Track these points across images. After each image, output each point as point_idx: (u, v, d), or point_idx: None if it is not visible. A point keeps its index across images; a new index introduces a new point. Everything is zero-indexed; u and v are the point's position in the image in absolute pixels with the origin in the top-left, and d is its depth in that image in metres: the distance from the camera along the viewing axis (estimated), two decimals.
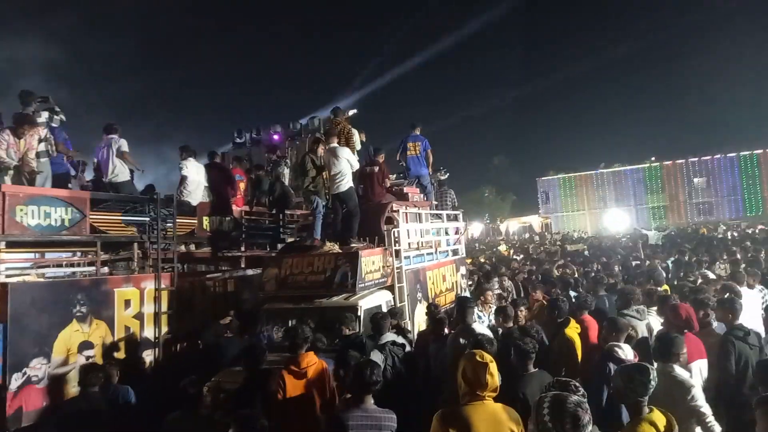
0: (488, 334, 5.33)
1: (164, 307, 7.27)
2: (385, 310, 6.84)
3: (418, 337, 6.96)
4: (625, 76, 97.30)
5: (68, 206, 6.71)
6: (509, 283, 11.41)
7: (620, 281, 9.53)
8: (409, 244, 8.61)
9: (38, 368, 5.79)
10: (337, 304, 6.77)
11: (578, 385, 3.15)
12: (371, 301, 6.97)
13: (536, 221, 48.11)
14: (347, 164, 8.14)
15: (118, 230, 7.53)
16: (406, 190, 10.09)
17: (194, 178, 9.05)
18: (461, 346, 5.12)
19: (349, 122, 9.68)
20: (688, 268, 10.41)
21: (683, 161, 49.88)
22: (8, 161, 6.92)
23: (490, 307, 7.49)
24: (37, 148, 7.22)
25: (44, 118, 7.52)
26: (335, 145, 8.38)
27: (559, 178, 54.98)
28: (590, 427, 2.28)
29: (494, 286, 10.51)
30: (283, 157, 13.22)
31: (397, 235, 8.13)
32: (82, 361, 6.06)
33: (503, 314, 6.24)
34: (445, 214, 11.09)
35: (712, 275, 8.91)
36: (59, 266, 7.09)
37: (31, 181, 7.12)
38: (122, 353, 6.63)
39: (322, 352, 5.23)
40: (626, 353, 4.62)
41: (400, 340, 5.78)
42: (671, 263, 12.49)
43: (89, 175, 10.24)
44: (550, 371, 4.45)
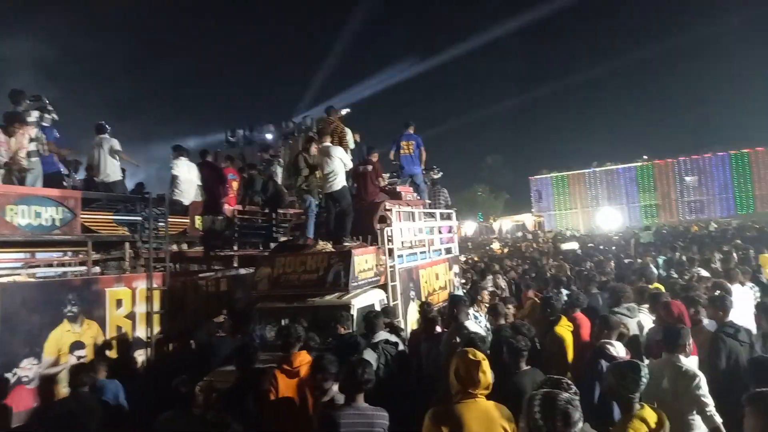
0: (481, 332, 5.34)
1: (156, 306, 7.23)
2: (378, 308, 6.83)
3: (410, 335, 6.96)
4: (617, 75, 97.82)
5: (59, 206, 6.67)
6: (503, 281, 11.49)
7: (612, 279, 9.56)
8: (402, 242, 8.60)
9: (29, 368, 5.76)
10: (330, 303, 6.76)
11: (570, 382, 3.16)
12: (364, 299, 6.96)
13: (529, 220, 48.26)
14: (340, 163, 8.13)
15: (109, 230, 7.49)
16: (399, 188, 10.08)
17: (186, 177, 9.02)
18: (455, 344, 5.12)
19: (342, 121, 9.67)
20: (678, 266, 10.46)
21: (675, 160, 50.18)
22: None
23: (486, 306, 7.50)
24: (28, 147, 7.16)
25: (35, 117, 7.46)
26: (328, 144, 8.37)
27: (551, 176, 55.17)
28: (581, 424, 2.29)
29: (488, 284, 10.56)
30: (276, 156, 13.19)
31: (390, 233, 8.12)
32: (73, 361, 6.02)
33: (494, 312, 6.27)
34: (438, 212, 11.10)
35: (705, 273, 8.97)
36: (50, 266, 7.07)
37: (21, 180, 7.07)
38: (114, 353, 6.59)
39: (314, 351, 5.21)
40: (618, 351, 4.64)
41: (393, 338, 5.77)
42: (662, 261, 12.57)
43: (81, 174, 10.18)
44: (542, 369, 4.46)
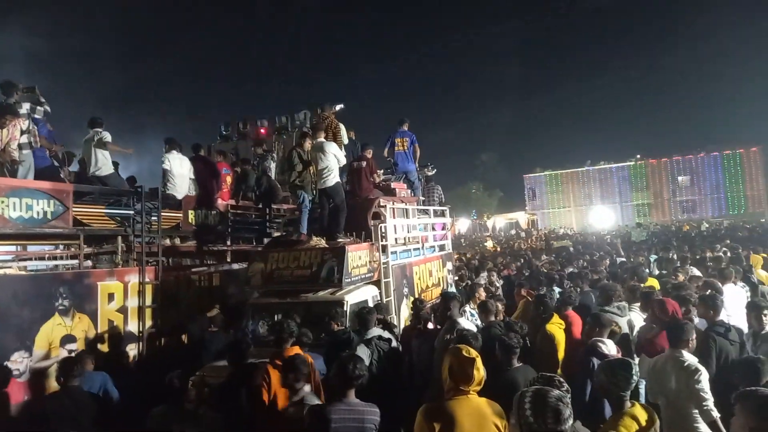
0: (474, 329, 5.36)
1: (148, 301, 7.20)
2: (371, 305, 6.83)
3: (402, 332, 6.98)
4: (611, 75, 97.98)
5: (51, 198, 6.62)
6: (496, 278, 11.54)
7: (604, 277, 9.60)
8: (396, 239, 8.62)
9: (19, 362, 5.73)
10: (323, 298, 6.76)
11: (562, 380, 3.18)
12: (357, 295, 6.97)
13: (523, 218, 48.31)
14: (334, 159, 8.12)
15: (101, 223, 7.45)
16: (393, 185, 10.08)
17: (178, 171, 8.96)
18: (449, 341, 5.13)
19: (336, 117, 9.65)
20: (668, 265, 10.52)
21: (668, 159, 50.45)
22: None
23: None
24: (19, 139, 7.10)
25: (26, 109, 7.39)
26: (322, 140, 8.36)
27: (545, 175, 55.34)
28: (571, 421, 2.30)
29: (482, 281, 10.59)
30: (269, 151, 13.12)
31: (384, 230, 8.13)
32: (64, 354, 5.99)
33: (484, 308, 6.30)
34: (432, 209, 11.11)
35: (696, 272, 9.03)
36: (41, 259, 7.01)
37: (12, 172, 7.00)
38: (105, 347, 6.56)
39: (307, 346, 5.22)
40: (609, 348, 4.67)
41: (386, 335, 5.78)
42: (654, 260, 12.64)
43: (74, 167, 10.10)
44: (534, 366, 4.48)
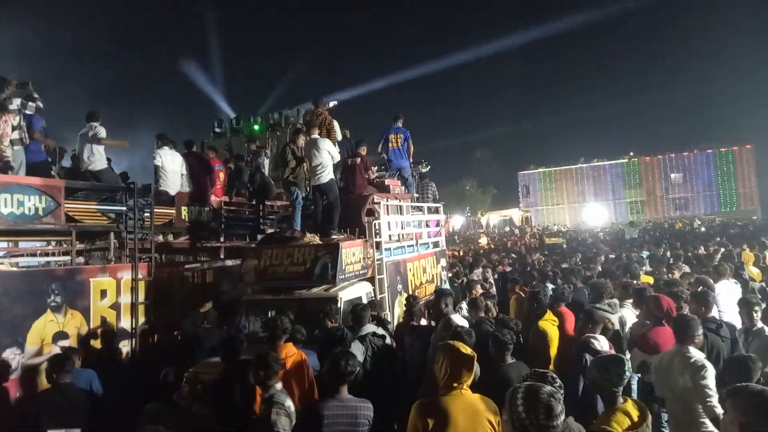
0: (466, 325, 5.37)
1: (141, 297, 7.17)
2: (365, 301, 6.84)
3: (396, 328, 6.99)
4: (606, 73, 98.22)
5: (42, 195, 6.57)
6: (491, 274, 11.57)
7: (596, 274, 9.65)
8: (389, 236, 8.61)
9: (11, 359, 5.68)
10: (317, 295, 6.75)
11: (555, 376, 3.20)
12: (351, 292, 6.97)
13: (517, 215, 48.47)
14: (328, 156, 8.11)
15: (94, 219, 7.41)
16: (387, 182, 10.07)
17: (170, 167, 8.92)
18: (446, 338, 5.15)
19: (329, 113, 9.63)
20: (660, 262, 10.58)
21: (661, 157, 50.70)
22: None
23: None
24: (10, 135, 7.05)
25: (16, 104, 7.32)
26: (317, 136, 8.33)
27: (539, 172, 55.52)
28: (563, 416, 2.30)
29: (475, 277, 10.61)
30: (262, 147, 13.08)
31: (377, 227, 8.13)
32: (56, 351, 5.96)
33: (474, 305, 6.34)
34: (426, 206, 11.11)
35: (687, 269, 9.10)
36: (33, 255, 6.97)
37: (3, 168, 6.95)
38: (98, 344, 6.53)
39: (301, 343, 5.21)
40: (602, 345, 4.70)
41: (380, 331, 5.79)
42: (646, 256, 12.71)
43: (67, 162, 10.03)
44: (527, 362, 4.50)
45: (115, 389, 5.28)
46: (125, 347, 6.94)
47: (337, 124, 9.44)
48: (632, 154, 52.09)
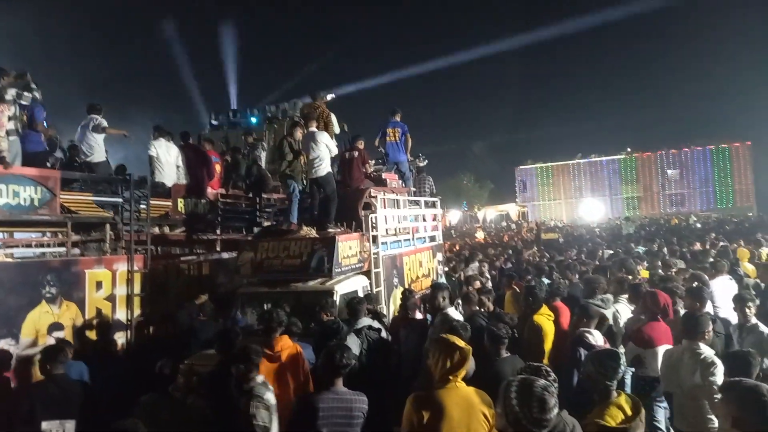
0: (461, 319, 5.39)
1: (137, 289, 7.16)
2: (361, 295, 6.84)
3: (391, 322, 7.00)
4: (603, 69, 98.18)
5: (38, 185, 6.56)
6: (487, 269, 11.60)
7: (591, 269, 9.67)
8: (386, 229, 8.61)
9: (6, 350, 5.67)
10: (313, 288, 6.76)
11: (549, 370, 3.21)
12: (347, 286, 6.97)
13: (513, 210, 48.54)
14: (326, 149, 8.09)
15: (90, 211, 7.38)
16: (384, 176, 10.06)
17: (165, 158, 8.90)
18: (442, 332, 5.16)
19: (327, 106, 9.59)
20: (655, 257, 10.61)
21: (658, 153, 50.77)
22: None
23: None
24: (6, 125, 7.01)
25: (11, 95, 7.28)
26: (314, 129, 8.31)
27: (536, 167, 55.56)
28: (557, 410, 2.32)
29: (470, 272, 10.63)
30: (259, 139, 13.04)
31: (374, 220, 8.12)
32: (51, 342, 5.95)
33: (466, 299, 6.37)
34: (423, 200, 11.11)
35: (682, 264, 9.13)
36: (29, 246, 6.94)
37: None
38: (93, 335, 6.53)
39: (297, 336, 5.22)
40: (596, 339, 4.71)
41: (376, 324, 5.80)
42: (642, 252, 12.75)
43: (60, 153, 9.99)
44: (522, 357, 4.51)
45: (110, 381, 5.28)
46: (120, 339, 6.94)
47: (334, 117, 9.41)
48: (629, 149, 52.16)
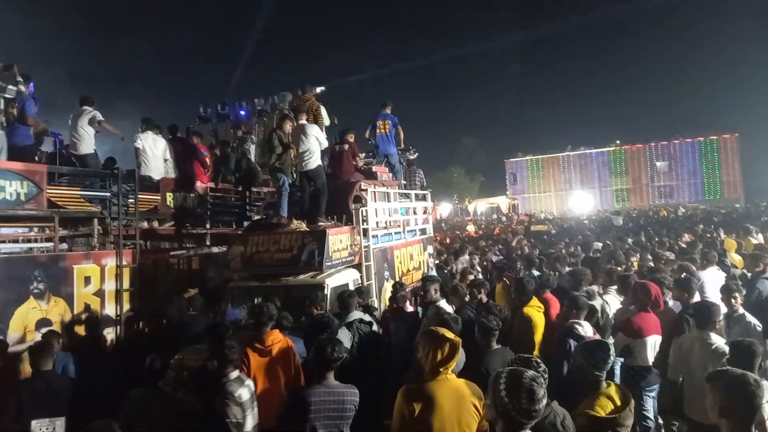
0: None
1: (126, 284, 7.12)
2: (352, 288, 6.84)
3: (381, 315, 7.01)
4: (591, 60, 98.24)
5: (24, 180, 6.48)
6: (477, 262, 11.63)
7: (580, 261, 9.73)
8: (377, 223, 8.61)
9: None
10: (303, 282, 6.74)
11: (539, 361, 3.22)
12: (338, 279, 6.96)
13: (504, 202, 48.61)
14: (316, 142, 8.05)
15: (77, 205, 7.31)
16: (374, 169, 10.04)
17: (151, 151, 8.82)
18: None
19: (317, 99, 9.55)
20: (643, 249, 10.70)
21: (646, 145, 51.04)
22: None
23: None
24: None
25: None
26: (304, 122, 8.27)
27: (526, 159, 55.63)
28: (545, 401, 2.32)
29: (460, 265, 10.66)
30: (249, 133, 12.95)
31: (365, 213, 8.11)
32: (39, 339, 5.90)
33: (455, 292, 6.41)
34: (413, 193, 11.10)
35: (671, 255, 9.20)
36: (15, 242, 6.87)
37: None
38: (82, 331, 6.48)
39: (287, 330, 5.20)
40: (586, 330, 4.74)
41: (367, 318, 5.80)
42: (632, 242, 12.86)
43: (48, 147, 9.86)
44: (512, 348, 4.53)
45: (99, 376, 5.25)
46: (110, 334, 6.91)
47: (324, 109, 9.37)
48: (618, 142, 52.36)
